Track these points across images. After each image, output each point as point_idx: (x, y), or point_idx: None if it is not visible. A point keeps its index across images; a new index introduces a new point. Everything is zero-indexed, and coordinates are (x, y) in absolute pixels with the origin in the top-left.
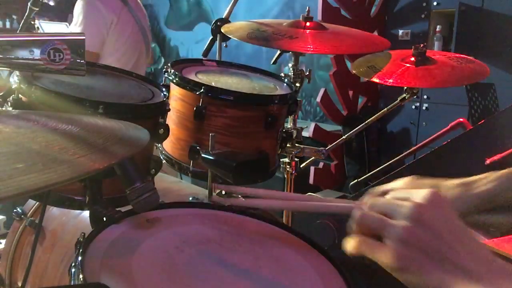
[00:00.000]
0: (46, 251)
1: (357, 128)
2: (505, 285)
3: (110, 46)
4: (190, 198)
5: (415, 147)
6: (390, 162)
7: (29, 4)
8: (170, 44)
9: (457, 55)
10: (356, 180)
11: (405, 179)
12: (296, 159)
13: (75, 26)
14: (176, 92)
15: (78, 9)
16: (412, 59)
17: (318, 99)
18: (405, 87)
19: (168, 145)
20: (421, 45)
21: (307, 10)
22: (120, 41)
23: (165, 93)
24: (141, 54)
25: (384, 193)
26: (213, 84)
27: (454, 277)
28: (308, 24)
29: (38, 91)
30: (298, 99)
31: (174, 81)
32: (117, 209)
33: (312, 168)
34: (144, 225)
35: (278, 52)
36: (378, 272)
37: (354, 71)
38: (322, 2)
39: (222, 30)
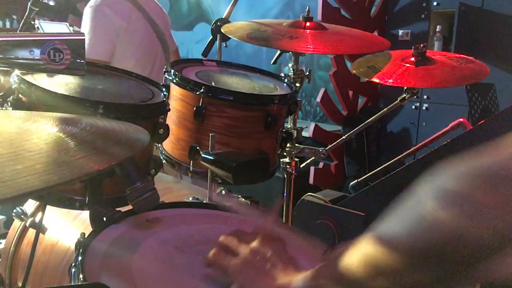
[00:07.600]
0: (46, 251)
1: (357, 128)
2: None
3: (121, 53)
4: (190, 198)
5: (415, 147)
6: (390, 162)
7: (29, 4)
8: None
9: (457, 55)
10: (356, 180)
11: None
12: (296, 159)
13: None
14: (176, 92)
15: (86, 17)
16: (412, 59)
17: (318, 99)
18: (405, 87)
19: (168, 145)
20: (421, 45)
21: (307, 10)
22: (133, 47)
23: (165, 93)
24: (158, 58)
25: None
26: (213, 84)
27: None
28: (308, 24)
29: (38, 91)
30: (298, 99)
31: (174, 81)
32: (117, 209)
33: (312, 168)
34: (144, 225)
35: (278, 52)
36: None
37: (354, 71)
38: (322, 2)
39: (222, 30)
